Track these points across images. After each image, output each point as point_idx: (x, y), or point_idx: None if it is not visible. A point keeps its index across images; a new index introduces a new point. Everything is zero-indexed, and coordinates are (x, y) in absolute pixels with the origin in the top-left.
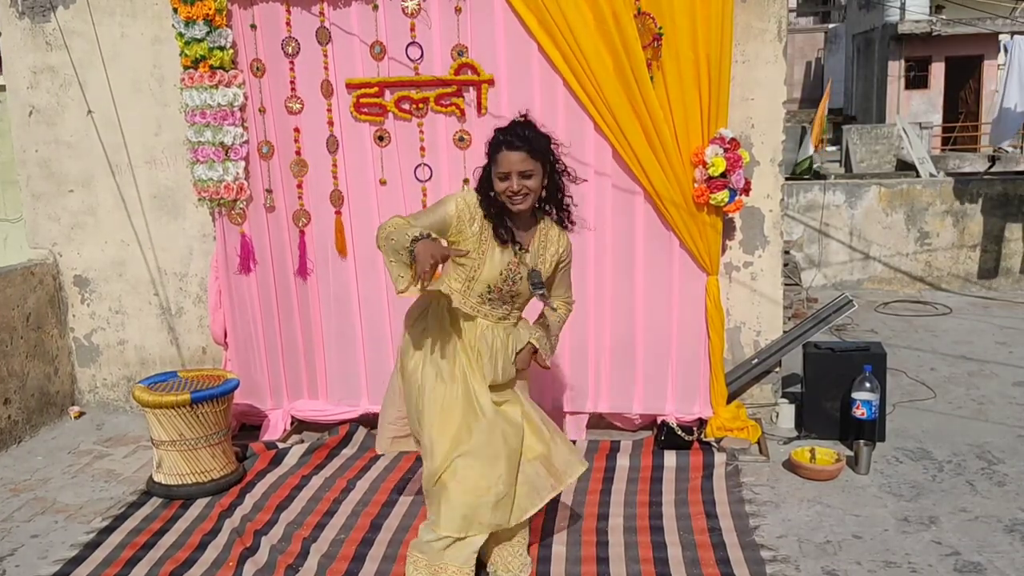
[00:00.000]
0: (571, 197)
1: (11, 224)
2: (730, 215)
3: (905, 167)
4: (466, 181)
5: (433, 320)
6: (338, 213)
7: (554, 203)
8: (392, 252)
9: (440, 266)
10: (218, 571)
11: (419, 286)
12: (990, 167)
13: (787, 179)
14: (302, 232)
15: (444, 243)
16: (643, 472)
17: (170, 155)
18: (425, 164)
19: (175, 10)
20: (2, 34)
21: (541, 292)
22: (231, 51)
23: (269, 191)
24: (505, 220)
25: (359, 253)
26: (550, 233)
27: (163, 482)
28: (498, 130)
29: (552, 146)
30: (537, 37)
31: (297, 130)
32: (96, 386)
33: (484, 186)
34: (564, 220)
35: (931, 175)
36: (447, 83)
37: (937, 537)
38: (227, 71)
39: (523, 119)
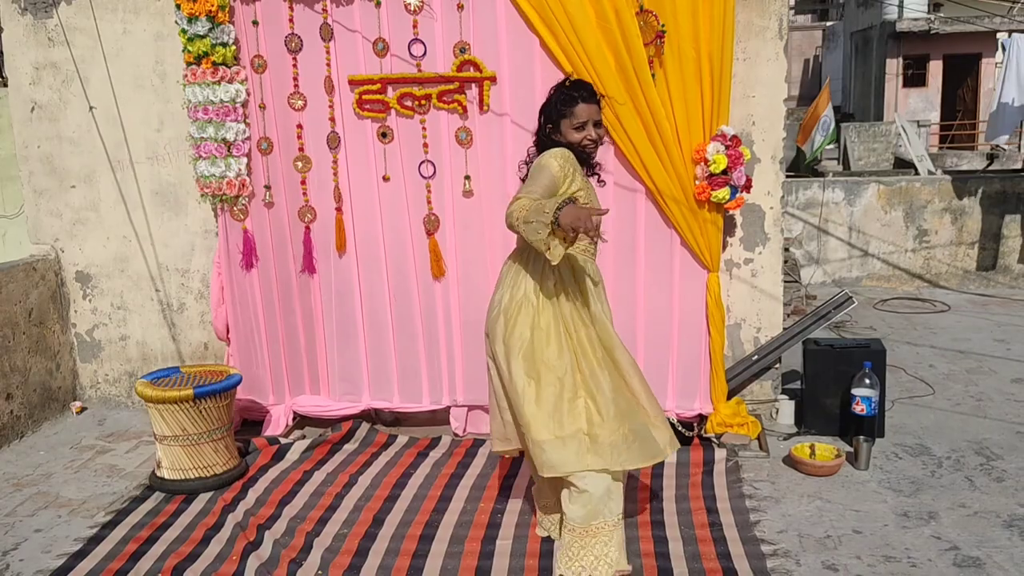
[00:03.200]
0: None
1: (9, 220)
2: (731, 212)
3: (903, 165)
4: (467, 178)
5: (531, 282)
6: (338, 210)
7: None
8: (534, 231)
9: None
10: (222, 565)
11: (564, 247)
12: (988, 165)
13: (787, 176)
14: (307, 228)
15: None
16: (643, 468)
17: (172, 151)
18: (428, 160)
19: (178, 6)
20: (4, 30)
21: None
22: (234, 47)
23: (268, 187)
24: (588, 159)
25: (361, 249)
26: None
27: (166, 477)
28: (563, 88)
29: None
30: (539, 34)
31: (300, 126)
32: (98, 381)
33: (550, 142)
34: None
35: (929, 172)
36: (449, 80)
37: (936, 532)
38: (230, 67)
39: (575, 78)
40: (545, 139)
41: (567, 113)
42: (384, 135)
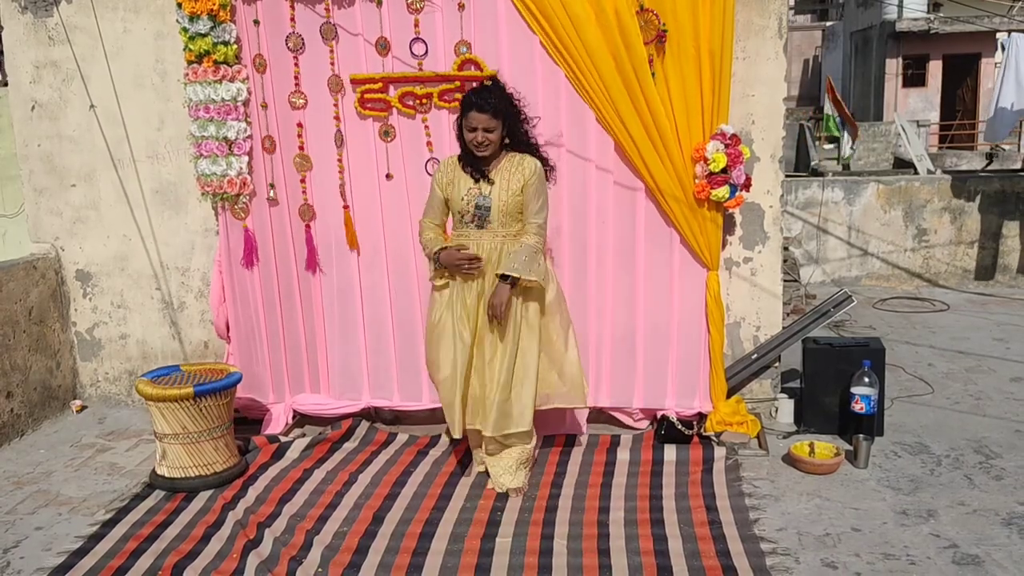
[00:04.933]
0: (534, 139)
1: (9, 219)
2: (730, 211)
3: (903, 165)
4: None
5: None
6: (346, 208)
7: (522, 146)
8: (430, 266)
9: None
10: (222, 563)
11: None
12: (987, 164)
13: (787, 176)
14: (308, 227)
15: (455, 250)
16: (643, 466)
17: (172, 150)
18: (435, 158)
19: (179, 5)
20: (4, 28)
21: (478, 213)
22: (235, 46)
23: (272, 186)
24: (471, 158)
25: (363, 247)
26: (522, 163)
27: (166, 475)
28: (470, 91)
29: (512, 104)
30: (539, 33)
31: (300, 125)
32: (98, 380)
33: (460, 133)
34: (535, 154)
35: (929, 172)
36: (450, 79)
37: (935, 530)
38: (231, 66)
39: (491, 83)
40: (458, 129)
41: (465, 115)
42: (386, 134)
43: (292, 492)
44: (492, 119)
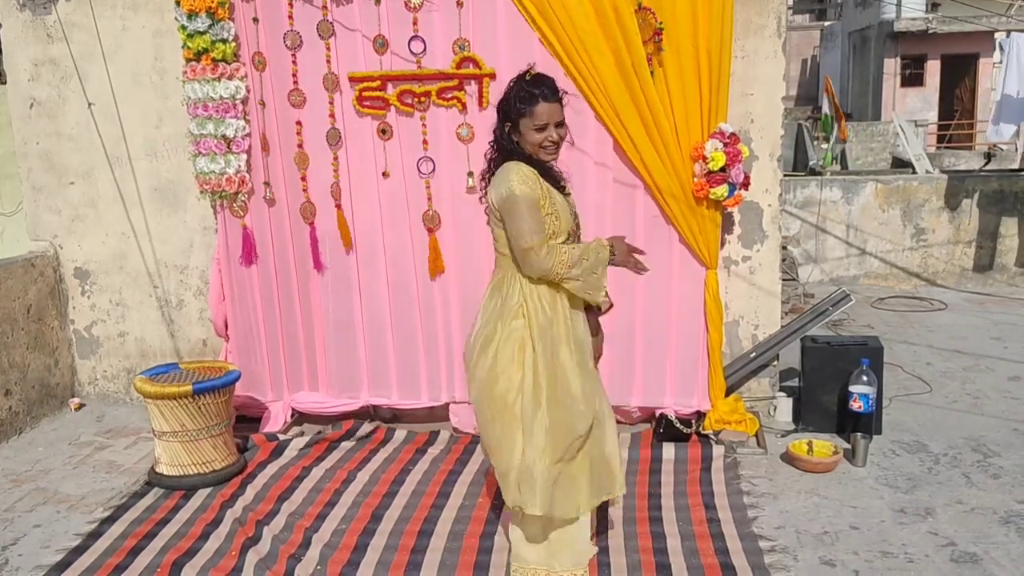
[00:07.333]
0: None
1: (8, 217)
2: (729, 209)
3: (901, 164)
4: (470, 174)
5: (537, 313)
6: (338, 207)
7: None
8: (591, 275)
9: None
10: (221, 560)
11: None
12: (985, 164)
13: (786, 175)
14: (312, 225)
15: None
16: (642, 464)
17: (171, 148)
18: (428, 157)
19: (177, 3)
20: (3, 26)
21: (578, 232)
22: (233, 44)
23: (267, 184)
24: (539, 166)
25: (361, 246)
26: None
27: (165, 473)
28: (523, 84)
29: None
30: (538, 31)
31: (299, 123)
32: (96, 378)
33: (509, 143)
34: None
35: (927, 172)
36: (449, 77)
37: (933, 528)
38: (229, 64)
39: (535, 72)
40: (505, 140)
41: (527, 112)
42: (384, 132)
43: (291, 490)
44: (560, 110)
